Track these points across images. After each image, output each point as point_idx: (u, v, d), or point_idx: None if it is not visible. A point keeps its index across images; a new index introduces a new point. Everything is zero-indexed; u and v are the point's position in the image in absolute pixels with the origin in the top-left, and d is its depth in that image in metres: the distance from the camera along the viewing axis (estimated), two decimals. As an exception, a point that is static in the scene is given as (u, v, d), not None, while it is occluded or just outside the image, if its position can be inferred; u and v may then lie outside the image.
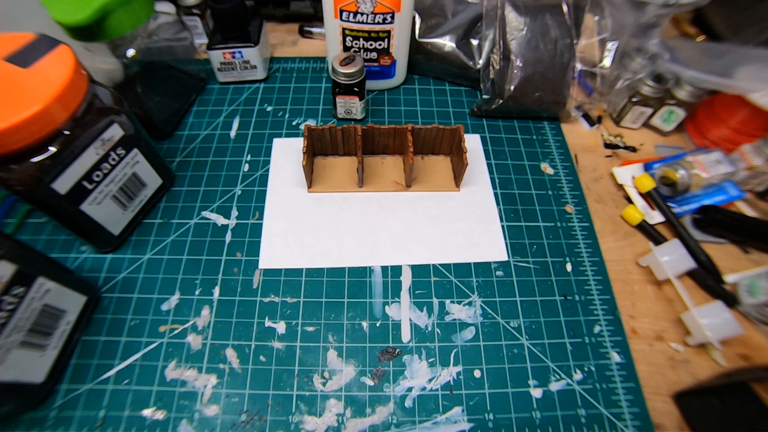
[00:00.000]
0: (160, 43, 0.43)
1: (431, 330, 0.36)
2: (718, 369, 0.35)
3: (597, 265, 0.40)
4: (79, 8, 0.35)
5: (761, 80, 0.42)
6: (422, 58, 0.52)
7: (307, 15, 0.60)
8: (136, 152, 0.36)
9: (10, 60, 0.29)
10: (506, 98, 0.47)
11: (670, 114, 0.48)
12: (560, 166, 0.47)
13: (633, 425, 0.32)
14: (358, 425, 0.32)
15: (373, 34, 0.46)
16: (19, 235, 0.40)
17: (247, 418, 0.32)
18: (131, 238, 0.40)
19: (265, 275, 0.39)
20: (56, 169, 0.30)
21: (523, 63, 0.46)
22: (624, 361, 0.35)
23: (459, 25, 0.50)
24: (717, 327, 0.34)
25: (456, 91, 0.53)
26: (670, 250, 0.38)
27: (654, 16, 0.45)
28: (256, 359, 0.35)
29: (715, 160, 0.43)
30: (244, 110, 0.50)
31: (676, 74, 0.46)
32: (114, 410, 0.32)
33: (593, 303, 0.38)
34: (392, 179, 0.44)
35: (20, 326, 0.28)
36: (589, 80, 0.50)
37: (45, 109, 0.27)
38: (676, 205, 0.43)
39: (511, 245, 0.41)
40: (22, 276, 0.28)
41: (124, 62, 0.40)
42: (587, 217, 0.43)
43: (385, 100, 0.52)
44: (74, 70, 0.29)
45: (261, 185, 0.44)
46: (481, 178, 0.45)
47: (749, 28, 0.52)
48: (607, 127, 0.51)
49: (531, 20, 0.46)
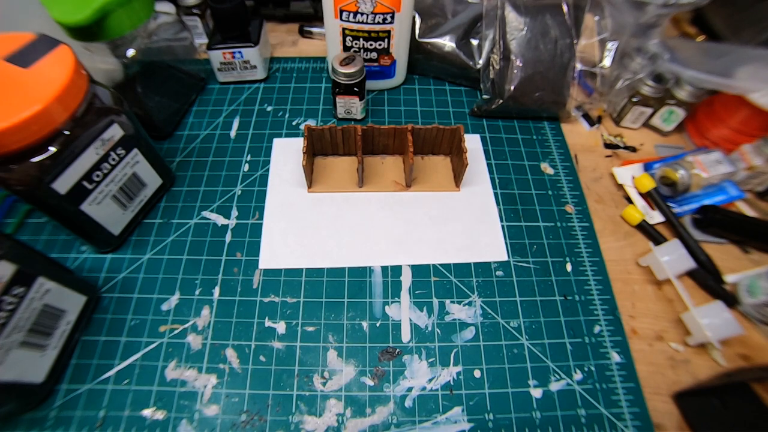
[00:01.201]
0: (160, 43, 0.43)
1: (431, 330, 0.36)
2: (718, 369, 0.35)
3: (597, 265, 0.40)
4: (79, 8, 0.35)
5: (761, 80, 0.42)
6: (422, 58, 0.52)
7: (307, 15, 0.60)
8: (136, 152, 0.36)
9: (10, 60, 0.29)
10: (506, 98, 0.47)
11: (670, 114, 0.48)
12: (560, 166, 0.47)
13: (633, 425, 0.32)
14: (358, 425, 0.32)
15: (373, 34, 0.46)
16: (19, 235, 0.40)
17: (247, 418, 0.32)
18: (131, 238, 0.40)
19: (265, 275, 0.39)
20: (56, 169, 0.30)
21: (523, 63, 0.46)
22: (624, 361, 0.35)
23: (459, 25, 0.50)
24: (717, 327, 0.34)
25: (456, 91, 0.53)
26: (670, 250, 0.38)
27: (654, 16, 0.45)
28: (256, 359, 0.35)
29: (715, 160, 0.43)
30: (244, 110, 0.50)
31: (676, 74, 0.46)
32: (114, 410, 0.32)
33: (593, 303, 0.38)
34: (392, 179, 0.44)
35: (20, 326, 0.28)
36: (589, 80, 0.50)
37: (45, 109, 0.27)
38: (676, 205, 0.43)
39: (511, 245, 0.41)
40: (22, 276, 0.28)
41: (124, 62, 0.40)
42: (587, 217, 0.43)
43: (385, 100, 0.52)
44: (74, 70, 0.29)
45: (261, 185, 0.44)
46: (481, 178, 0.45)
47: (749, 28, 0.52)
48: (607, 127, 0.51)
49: (531, 20, 0.46)
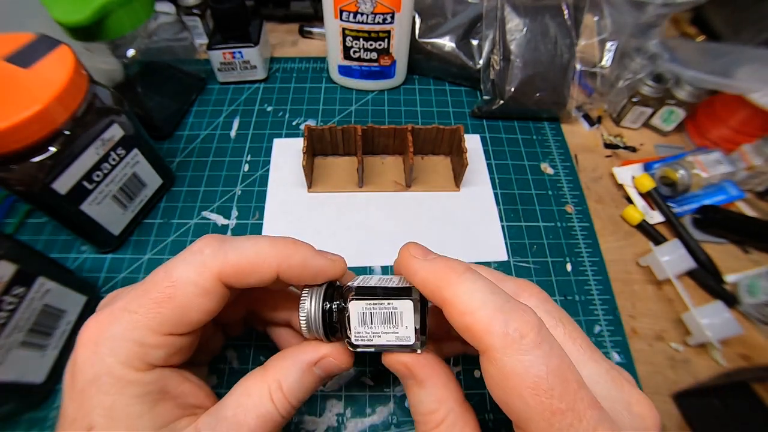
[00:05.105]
0: (160, 43, 0.43)
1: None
2: (718, 369, 0.35)
3: (597, 265, 0.40)
4: (79, 8, 0.35)
5: (761, 80, 0.42)
6: (422, 58, 0.52)
7: (307, 15, 0.60)
8: (136, 152, 0.36)
9: (10, 60, 0.29)
10: (506, 99, 0.47)
11: (670, 114, 0.48)
12: (560, 166, 0.47)
13: (633, 425, 0.32)
14: (358, 425, 0.32)
15: (373, 34, 0.46)
16: (19, 235, 0.40)
17: (247, 418, 0.32)
18: (131, 238, 0.40)
19: (265, 275, 0.39)
20: (56, 169, 0.29)
21: (523, 63, 0.46)
22: (624, 361, 0.35)
23: (459, 25, 0.50)
24: (717, 327, 0.34)
25: (456, 91, 0.53)
26: (670, 250, 0.38)
27: (653, 15, 0.45)
28: (256, 359, 0.35)
29: (715, 160, 0.43)
30: (244, 110, 0.50)
31: (676, 74, 0.46)
32: (114, 410, 0.32)
33: (593, 303, 0.38)
34: (392, 179, 0.44)
35: (20, 326, 0.28)
36: (589, 80, 0.50)
37: (45, 109, 0.27)
38: (676, 205, 0.43)
39: (511, 245, 0.41)
40: (22, 276, 0.28)
41: (124, 62, 0.40)
42: (587, 217, 0.43)
43: (385, 100, 0.52)
44: (74, 70, 0.29)
45: (261, 185, 0.44)
46: (481, 178, 0.45)
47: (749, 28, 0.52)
48: (607, 127, 0.51)
49: (531, 21, 0.46)
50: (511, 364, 0.16)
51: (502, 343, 0.16)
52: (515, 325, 0.16)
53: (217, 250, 0.20)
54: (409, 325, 0.20)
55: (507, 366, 0.16)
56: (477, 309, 0.17)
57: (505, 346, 0.16)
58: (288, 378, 0.21)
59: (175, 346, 0.20)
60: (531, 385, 0.15)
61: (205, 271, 0.20)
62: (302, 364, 0.22)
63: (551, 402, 0.15)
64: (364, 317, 0.21)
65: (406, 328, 0.20)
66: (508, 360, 0.16)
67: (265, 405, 0.20)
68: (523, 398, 0.15)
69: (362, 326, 0.21)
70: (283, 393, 0.20)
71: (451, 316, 0.18)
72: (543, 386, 0.15)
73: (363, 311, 0.21)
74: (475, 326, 0.17)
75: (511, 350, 0.16)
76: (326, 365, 0.22)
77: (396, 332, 0.20)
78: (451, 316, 0.18)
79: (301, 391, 0.21)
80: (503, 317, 0.16)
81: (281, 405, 0.20)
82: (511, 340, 0.16)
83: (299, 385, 0.21)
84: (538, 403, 0.15)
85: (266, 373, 0.21)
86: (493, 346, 0.16)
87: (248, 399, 0.20)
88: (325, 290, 0.23)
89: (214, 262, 0.20)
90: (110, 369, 0.18)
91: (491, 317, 0.16)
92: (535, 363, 0.15)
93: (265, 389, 0.20)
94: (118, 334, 0.19)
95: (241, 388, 0.21)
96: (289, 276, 0.21)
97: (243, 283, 0.21)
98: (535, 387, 0.15)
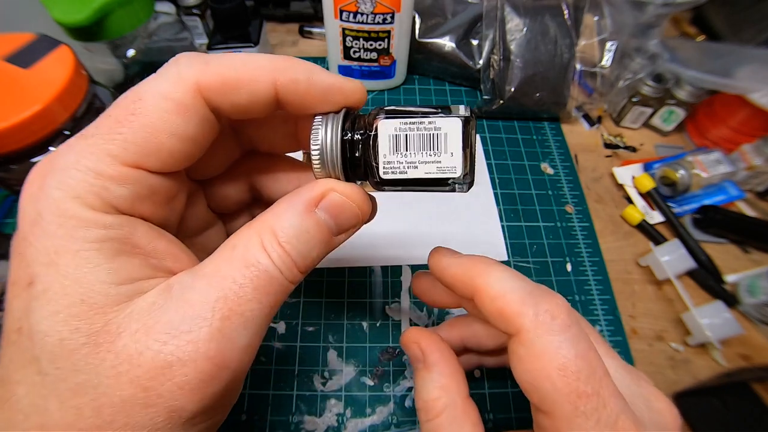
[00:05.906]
0: (160, 43, 0.43)
1: (431, 330, 0.36)
2: (718, 369, 0.35)
3: (597, 265, 0.40)
4: (79, 8, 0.35)
5: (761, 80, 0.42)
6: (422, 58, 0.52)
7: (307, 15, 0.60)
8: (136, 152, 0.36)
9: (10, 60, 0.29)
10: (506, 99, 0.47)
11: (670, 114, 0.48)
12: (560, 166, 0.47)
13: (633, 425, 0.32)
14: (358, 425, 0.32)
15: (373, 34, 0.46)
16: (19, 235, 0.40)
17: (247, 418, 0.32)
18: (131, 238, 0.40)
19: (265, 275, 0.38)
20: (56, 169, 0.30)
21: (523, 63, 0.46)
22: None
23: (459, 25, 0.50)
24: (717, 327, 0.34)
25: (456, 91, 0.53)
26: (670, 250, 0.38)
27: (653, 15, 0.45)
28: (256, 359, 0.34)
29: (715, 160, 0.43)
30: (244, 110, 0.50)
31: (676, 74, 0.46)
32: (114, 410, 0.32)
33: (593, 303, 0.38)
34: (392, 179, 0.44)
35: (20, 326, 0.28)
36: (589, 80, 0.50)
37: (45, 109, 0.27)
38: (676, 205, 0.43)
39: (511, 245, 0.41)
40: (22, 276, 0.28)
41: (124, 62, 0.40)
42: (587, 217, 0.43)
43: (385, 100, 0.52)
44: (74, 70, 0.29)
45: (261, 185, 0.44)
46: (481, 178, 0.45)
47: (749, 28, 0.52)
48: (607, 127, 0.51)
49: (531, 21, 0.46)
50: (541, 344, 0.16)
51: (533, 324, 0.16)
52: (546, 306, 0.16)
53: (195, 58, 0.16)
54: (455, 151, 0.16)
55: (537, 346, 0.16)
56: (508, 292, 0.17)
57: (536, 327, 0.16)
58: (283, 223, 0.16)
59: (145, 186, 0.15)
60: (559, 366, 0.15)
61: (179, 81, 0.15)
62: (300, 205, 0.17)
63: (578, 384, 0.15)
64: (397, 141, 0.16)
65: (451, 155, 0.16)
66: (538, 340, 0.16)
67: (255, 254, 0.15)
68: (551, 379, 0.15)
69: (394, 153, 0.16)
70: (278, 242, 0.16)
71: (483, 303, 0.18)
72: (571, 368, 0.15)
73: (396, 132, 0.16)
74: (507, 309, 0.17)
75: (542, 330, 0.16)
76: (332, 203, 0.17)
77: (438, 161, 0.16)
78: (483, 303, 0.18)
79: (302, 243, 0.16)
80: (534, 300, 0.17)
81: (278, 257, 0.15)
82: (541, 321, 0.16)
83: (299, 233, 0.16)
84: (565, 384, 0.15)
85: (254, 222, 0.16)
86: (525, 327, 0.16)
87: (233, 251, 0.16)
88: (343, 116, 0.18)
89: (190, 71, 0.15)
90: (57, 204, 0.14)
91: (523, 300, 0.17)
92: (565, 344, 0.16)
93: (255, 238, 0.16)
94: (70, 162, 0.14)
95: (224, 245, 0.16)
96: (292, 97, 0.17)
97: (231, 102, 0.16)
98: (563, 368, 0.15)
